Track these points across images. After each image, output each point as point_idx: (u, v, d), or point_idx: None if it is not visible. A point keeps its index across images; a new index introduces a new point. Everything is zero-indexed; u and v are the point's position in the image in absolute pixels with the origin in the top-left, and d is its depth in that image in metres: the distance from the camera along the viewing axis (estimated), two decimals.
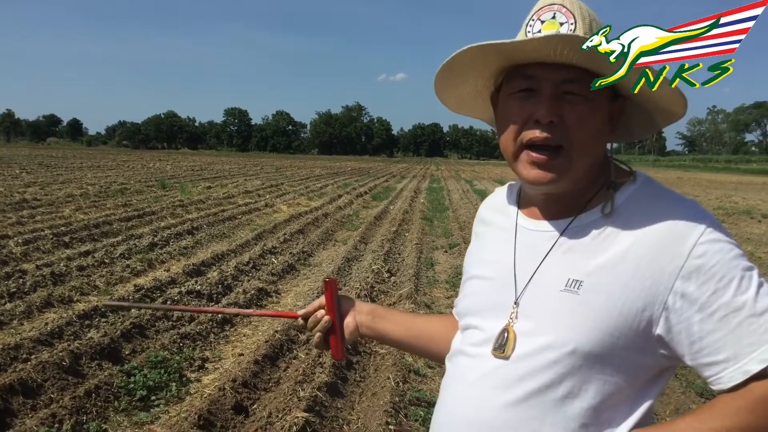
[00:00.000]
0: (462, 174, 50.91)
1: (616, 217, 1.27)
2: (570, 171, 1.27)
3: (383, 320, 1.69)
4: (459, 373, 1.42)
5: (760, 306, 1.12)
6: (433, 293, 8.69)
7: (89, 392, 4.71)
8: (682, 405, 5.02)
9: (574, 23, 1.24)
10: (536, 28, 1.26)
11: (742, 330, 1.12)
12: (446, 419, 1.40)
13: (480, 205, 1.67)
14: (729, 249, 1.16)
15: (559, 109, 1.24)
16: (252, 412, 4.72)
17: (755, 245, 13.24)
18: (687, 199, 1.28)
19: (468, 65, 1.35)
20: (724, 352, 1.13)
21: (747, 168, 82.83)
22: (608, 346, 1.20)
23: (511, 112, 1.31)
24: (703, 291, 1.14)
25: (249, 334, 6.67)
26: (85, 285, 7.85)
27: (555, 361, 1.23)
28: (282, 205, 18.75)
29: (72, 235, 11.10)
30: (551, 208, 1.37)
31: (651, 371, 1.24)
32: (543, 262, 1.33)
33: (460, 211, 19.00)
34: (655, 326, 1.19)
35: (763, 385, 1.11)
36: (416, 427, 4.58)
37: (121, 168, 37.18)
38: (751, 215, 20.20)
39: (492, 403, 1.29)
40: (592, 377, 1.22)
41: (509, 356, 1.29)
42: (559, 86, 1.25)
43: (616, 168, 1.36)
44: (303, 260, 10.63)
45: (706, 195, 30.55)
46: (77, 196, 17.98)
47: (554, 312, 1.26)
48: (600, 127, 1.28)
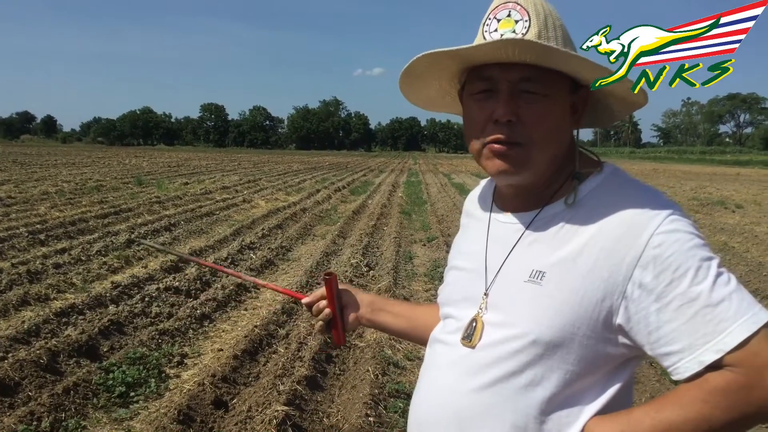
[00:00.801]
0: (440, 168, 50.98)
1: (579, 208, 1.30)
2: (531, 164, 1.30)
3: (382, 312, 1.75)
4: (433, 359, 1.48)
5: (715, 296, 1.12)
6: (412, 286, 8.72)
7: (67, 389, 4.69)
8: (656, 393, 5.10)
9: (528, 20, 1.26)
10: (493, 27, 1.29)
11: (698, 320, 1.12)
12: (421, 402, 1.46)
13: (464, 197, 1.71)
14: (687, 239, 1.17)
15: (516, 108, 1.27)
16: (232, 406, 4.73)
17: (729, 235, 13.40)
18: (650, 189, 1.30)
19: (427, 70, 1.40)
20: (680, 342, 1.14)
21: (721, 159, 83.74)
22: (569, 336, 1.23)
23: (473, 112, 1.35)
24: (659, 281, 1.15)
25: (228, 329, 6.67)
26: (61, 283, 7.78)
27: (518, 350, 1.27)
28: (260, 201, 18.67)
29: (48, 233, 10.98)
30: (520, 200, 1.40)
31: (615, 360, 1.26)
32: (510, 253, 1.36)
33: (438, 205, 19.06)
34: (615, 316, 1.21)
35: (719, 376, 1.12)
36: (395, 418, 4.61)
37: (97, 165, 36.77)
38: (725, 206, 20.44)
39: (460, 388, 1.34)
40: (554, 366, 1.25)
41: (476, 345, 1.34)
42: (516, 85, 1.28)
43: (584, 158, 1.40)
44: (281, 255, 10.62)
45: (681, 186, 30.87)
46: (52, 194, 17.77)
47: (518, 302, 1.30)
48: (559, 121, 1.31)
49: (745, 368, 1.10)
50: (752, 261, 10.63)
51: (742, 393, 1.10)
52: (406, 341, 6.27)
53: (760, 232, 13.71)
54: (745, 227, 14.70)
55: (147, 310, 6.84)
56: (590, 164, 1.38)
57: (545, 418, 1.25)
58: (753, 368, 1.10)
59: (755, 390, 1.10)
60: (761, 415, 1.12)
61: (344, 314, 1.73)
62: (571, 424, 1.25)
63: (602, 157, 1.43)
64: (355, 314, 1.73)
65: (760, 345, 1.10)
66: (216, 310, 7.15)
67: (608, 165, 1.37)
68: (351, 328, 1.75)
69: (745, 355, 1.10)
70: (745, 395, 1.10)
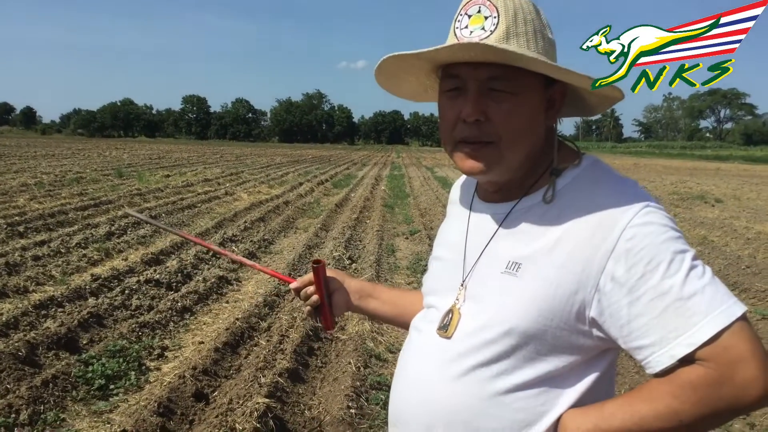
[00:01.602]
0: (423, 161, 51.00)
1: (556, 200, 1.30)
2: (502, 162, 1.30)
3: (370, 298, 1.76)
4: (411, 347, 1.49)
5: (687, 290, 1.11)
6: (395, 279, 8.73)
7: (46, 382, 4.64)
8: (635, 384, 5.13)
9: (497, 17, 1.26)
10: (464, 23, 1.29)
11: (669, 314, 1.12)
12: (398, 392, 1.47)
13: (446, 191, 1.71)
14: (661, 232, 1.16)
15: (484, 107, 1.27)
16: (212, 399, 4.71)
17: (708, 229, 13.53)
18: (627, 181, 1.30)
19: (399, 70, 1.41)
20: (651, 336, 1.14)
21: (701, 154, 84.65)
22: (543, 327, 1.23)
23: (444, 110, 1.35)
24: (631, 274, 1.15)
25: (209, 322, 6.64)
26: (40, 275, 7.71)
27: (492, 340, 1.27)
28: (242, 193, 18.59)
29: (27, 225, 10.87)
30: (499, 193, 1.40)
31: (591, 351, 1.26)
32: (488, 244, 1.37)
33: (421, 198, 19.06)
34: (588, 308, 1.21)
35: (689, 370, 1.12)
36: (377, 410, 4.62)
37: (77, 156, 36.43)
38: (704, 200, 20.63)
39: (435, 378, 1.35)
40: (528, 356, 1.25)
41: (451, 336, 1.34)
42: (484, 83, 1.28)
43: (565, 150, 1.39)
44: (264, 248, 10.59)
45: (662, 180, 31.12)
46: (32, 186, 17.58)
47: (494, 293, 1.30)
48: (530, 118, 1.30)
49: (716, 363, 1.10)
50: (731, 255, 10.74)
51: (712, 387, 1.10)
52: (388, 333, 6.28)
53: (738, 226, 13.85)
54: (724, 221, 14.85)
55: (127, 302, 6.79)
56: (570, 157, 1.38)
57: (520, 406, 1.26)
58: (724, 363, 1.09)
59: (725, 385, 1.09)
60: (731, 411, 1.12)
61: (332, 300, 1.73)
62: (546, 413, 1.25)
63: (583, 151, 1.42)
64: (343, 300, 1.74)
65: (732, 339, 1.09)
66: (197, 302, 7.11)
67: (587, 157, 1.37)
68: (339, 314, 1.75)
69: (716, 350, 1.10)
70: (715, 390, 1.10)
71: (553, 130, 1.39)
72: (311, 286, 1.72)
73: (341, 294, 1.74)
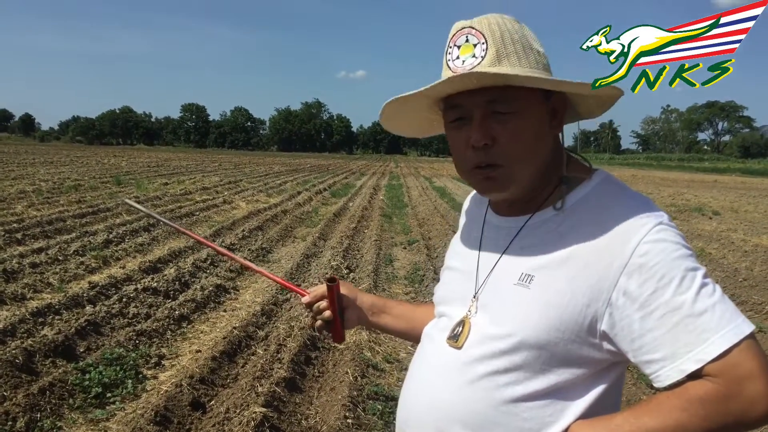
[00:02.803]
0: (421, 171, 51.07)
1: (570, 214, 1.32)
2: (515, 180, 1.33)
3: (383, 314, 1.78)
4: (421, 355, 1.52)
5: (698, 307, 1.14)
6: (392, 289, 8.72)
7: (43, 390, 4.63)
8: (633, 397, 5.13)
9: (485, 42, 1.29)
10: (454, 55, 1.32)
11: (680, 330, 1.14)
12: (406, 399, 1.49)
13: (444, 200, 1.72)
14: (673, 249, 1.19)
15: (490, 131, 1.30)
16: (210, 408, 4.70)
17: (706, 241, 13.55)
18: (641, 198, 1.31)
19: (402, 111, 1.47)
20: (661, 351, 1.16)
21: (699, 166, 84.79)
22: (554, 340, 1.25)
23: (453, 141, 1.38)
24: (644, 289, 1.17)
25: (207, 330, 6.63)
26: (38, 282, 7.69)
27: (503, 351, 1.29)
28: (240, 202, 18.60)
29: (24, 232, 10.85)
30: (513, 205, 1.42)
31: (600, 364, 1.27)
32: (501, 256, 1.39)
33: (419, 208, 19.07)
34: (599, 322, 1.23)
35: (698, 385, 1.14)
36: (374, 420, 4.61)
37: (75, 164, 36.42)
38: (702, 212, 20.66)
39: (442, 384, 1.37)
40: (538, 367, 1.27)
41: (461, 346, 1.36)
42: (486, 108, 1.30)
43: (574, 162, 1.41)
44: (262, 257, 10.59)
45: (659, 192, 31.16)
46: (30, 193, 17.56)
47: (506, 305, 1.32)
48: (535, 133, 1.32)
49: (725, 378, 1.12)
50: (728, 267, 10.75)
51: (720, 403, 1.12)
52: (385, 344, 6.28)
53: (736, 239, 13.85)
54: (721, 234, 14.85)
55: (124, 310, 6.78)
56: (581, 169, 1.40)
57: (528, 416, 1.27)
58: (732, 379, 1.11)
59: (733, 400, 1.11)
60: (738, 426, 1.13)
61: (344, 315, 1.74)
62: (553, 424, 1.26)
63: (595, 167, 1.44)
64: (356, 316, 1.75)
65: (741, 356, 1.12)
66: (195, 311, 7.10)
67: (600, 171, 1.39)
68: (350, 328, 1.76)
69: (725, 366, 1.12)
70: (723, 405, 1.12)
71: (559, 139, 1.41)
72: (323, 302, 1.71)
73: (354, 310, 1.75)
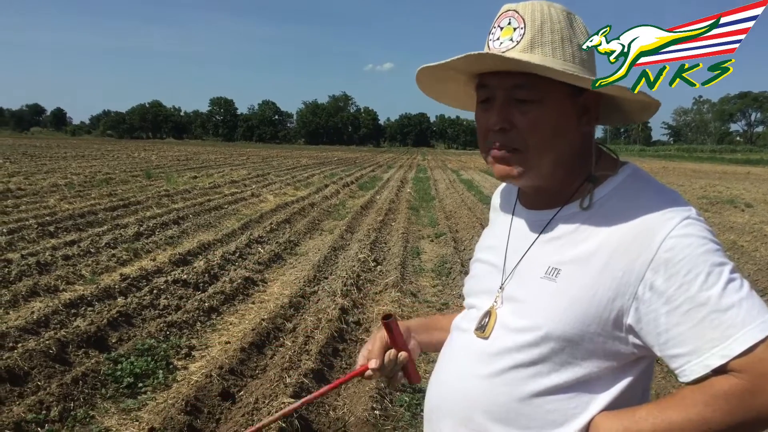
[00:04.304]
0: (448, 164, 50.96)
1: (597, 208, 1.32)
2: (531, 169, 1.33)
3: (434, 330, 1.70)
4: (450, 346, 1.53)
5: (725, 302, 1.13)
6: (419, 282, 8.74)
7: (76, 379, 4.73)
8: (663, 390, 5.09)
9: (523, 27, 1.29)
10: (496, 35, 1.33)
11: (705, 325, 1.14)
12: (434, 388, 1.50)
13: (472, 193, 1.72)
14: (700, 244, 1.18)
15: (510, 116, 1.30)
16: (239, 398, 4.76)
17: (738, 234, 13.35)
18: (669, 192, 1.31)
19: (436, 79, 1.47)
20: (687, 346, 1.16)
21: (731, 158, 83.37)
22: (579, 333, 1.25)
23: (478, 120, 1.39)
24: (669, 284, 1.17)
25: (236, 322, 6.70)
26: (70, 274, 7.84)
27: (529, 343, 1.29)
28: (268, 195, 18.72)
29: (57, 225, 11.05)
30: (540, 198, 1.42)
31: (625, 357, 1.27)
32: (529, 249, 1.39)
33: (447, 201, 19.05)
34: (625, 316, 1.23)
35: (723, 380, 1.13)
36: (401, 412, 4.63)
37: (106, 158, 36.92)
38: (734, 204, 20.35)
39: (470, 375, 1.38)
40: (563, 360, 1.27)
41: (488, 336, 1.37)
42: (510, 92, 1.31)
43: (605, 158, 1.40)
44: (289, 249, 10.65)
45: (691, 184, 30.76)
46: (62, 186, 17.87)
47: (532, 297, 1.33)
48: (557, 125, 1.31)
49: (750, 374, 1.12)
50: (761, 260, 10.59)
51: (744, 398, 1.12)
52: None
53: None
54: (754, 226, 14.63)
55: (155, 302, 6.88)
56: (609, 164, 1.39)
57: (552, 408, 1.28)
58: (757, 374, 1.11)
59: (757, 396, 1.11)
60: (762, 421, 1.13)
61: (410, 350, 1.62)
62: (578, 415, 1.27)
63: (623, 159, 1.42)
64: (416, 344, 1.66)
65: (767, 352, 1.11)
66: (224, 303, 7.18)
67: (628, 165, 1.38)
68: (415, 359, 1.66)
69: (751, 362, 1.11)
70: (747, 400, 1.12)
71: (591, 137, 1.40)
72: (391, 350, 1.57)
73: (412, 340, 1.65)
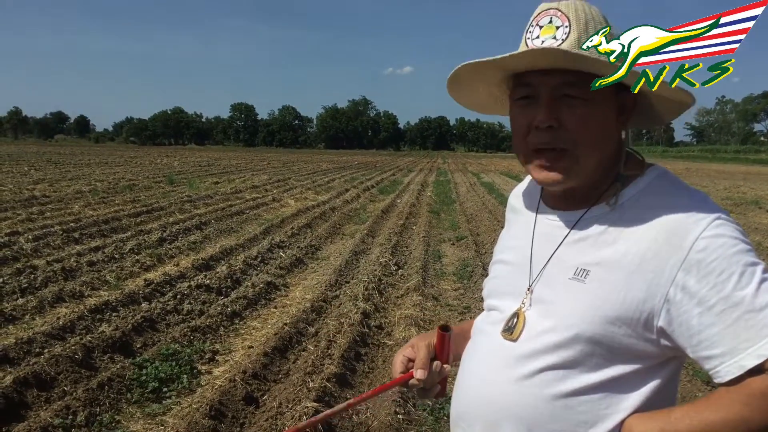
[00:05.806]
0: (469, 167, 50.83)
1: (626, 209, 1.31)
2: (577, 170, 1.31)
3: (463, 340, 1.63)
4: (475, 348, 1.51)
5: (759, 302, 1.12)
6: (441, 285, 8.72)
7: (102, 384, 4.78)
8: (688, 393, 5.05)
9: (568, 26, 1.27)
10: (535, 34, 1.30)
11: (740, 325, 1.13)
12: (461, 393, 1.49)
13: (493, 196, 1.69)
14: (732, 244, 1.17)
15: (557, 113, 1.28)
16: (262, 402, 4.78)
17: (763, 235, 13.20)
18: (697, 193, 1.30)
19: (471, 78, 1.42)
20: (721, 346, 1.15)
21: (756, 158, 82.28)
22: (610, 334, 1.24)
23: (517, 119, 1.36)
24: (702, 285, 1.16)
25: (258, 327, 6.73)
26: (95, 280, 7.92)
27: (559, 345, 1.29)
28: (289, 200, 18.79)
29: (82, 231, 11.17)
30: (567, 199, 1.41)
31: (655, 359, 1.27)
32: (556, 250, 1.38)
33: (467, 204, 18.98)
34: (656, 318, 1.22)
35: (759, 380, 1.12)
36: (424, 416, 4.63)
37: (129, 164, 37.29)
38: (759, 205, 20.11)
39: (499, 379, 1.36)
40: (594, 361, 1.27)
41: (516, 338, 1.36)
42: (556, 90, 1.28)
43: (632, 160, 1.39)
44: (311, 254, 10.68)
45: (714, 185, 30.44)
46: (86, 193, 18.08)
47: (561, 299, 1.32)
48: (603, 124, 1.30)
49: None
50: None
51: None
52: None
53: None
54: None
55: (179, 307, 6.93)
56: (636, 165, 1.37)
57: (583, 409, 1.27)
58: None
59: None
60: None
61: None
62: (609, 416, 1.26)
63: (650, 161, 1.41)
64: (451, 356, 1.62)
65: None
66: (246, 307, 7.22)
67: (655, 167, 1.37)
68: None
69: None
70: None
71: (622, 136, 1.39)
72: (436, 362, 1.56)
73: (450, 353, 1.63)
